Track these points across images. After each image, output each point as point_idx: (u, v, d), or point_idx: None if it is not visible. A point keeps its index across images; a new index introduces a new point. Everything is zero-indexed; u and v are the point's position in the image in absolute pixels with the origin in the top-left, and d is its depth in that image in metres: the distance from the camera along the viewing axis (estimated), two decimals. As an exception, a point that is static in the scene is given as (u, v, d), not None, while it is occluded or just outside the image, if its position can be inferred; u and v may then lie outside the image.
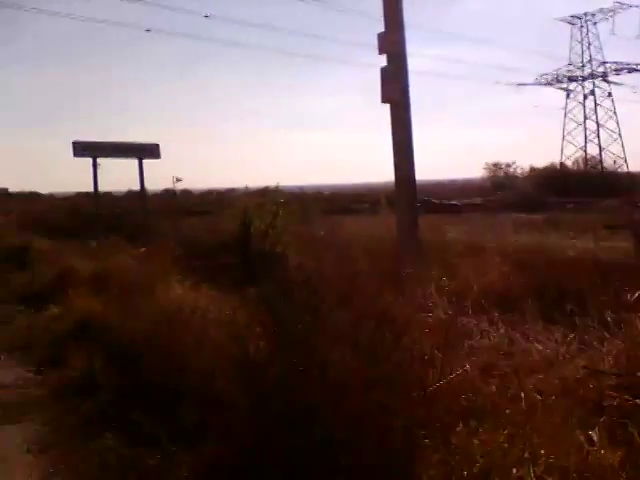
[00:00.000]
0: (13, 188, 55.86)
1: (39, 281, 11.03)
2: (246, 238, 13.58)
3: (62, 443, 4.26)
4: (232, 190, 52.80)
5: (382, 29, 8.90)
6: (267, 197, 17.32)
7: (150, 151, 16.91)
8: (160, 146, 17.16)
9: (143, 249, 13.18)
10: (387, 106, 8.98)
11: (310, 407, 3.10)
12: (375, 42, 8.96)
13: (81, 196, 37.96)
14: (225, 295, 6.45)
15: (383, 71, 8.88)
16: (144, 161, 17.05)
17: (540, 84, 61.55)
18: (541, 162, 43.29)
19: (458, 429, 3.18)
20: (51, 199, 50.23)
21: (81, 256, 11.86)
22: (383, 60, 8.90)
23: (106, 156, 16.71)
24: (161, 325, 4.94)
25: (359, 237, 9.33)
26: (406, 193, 9.00)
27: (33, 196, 58.68)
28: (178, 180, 18.24)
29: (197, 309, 4.99)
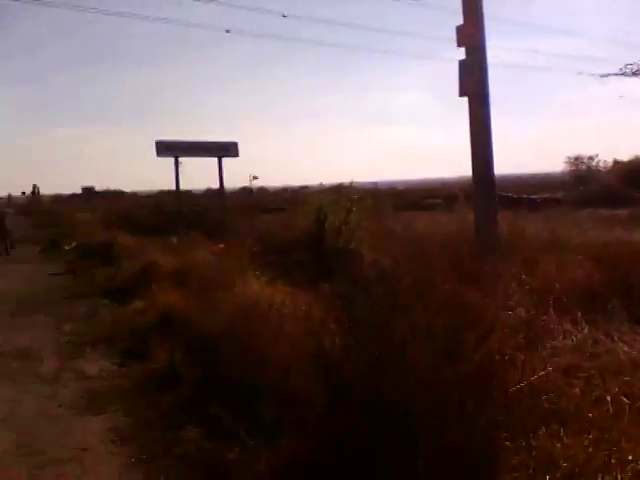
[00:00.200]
0: (99, 187, 58.74)
1: (123, 276, 11.52)
2: (320, 234, 13.67)
3: (144, 434, 4.40)
4: (305, 187, 53.46)
5: (461, 22, 8.69)
6: (340, 194, 17.36)
7: (230, 149, 17.31)
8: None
9: (221, 245, 13.55)
10: (465, 100, 8.76)
11: (387, 406, 3.07)
12: (454, 36, 8.75)
13: (163, 194, 39.49)
14: (300, 291, 6.51)
15: (461, 64, 8.66)
16: (223, 159, 17.46)
17: (625, 74, 58.28)
18: (625, 155, 40.82)
19: (540, 432, 3.08)
20: (134, 197, 52.52)
21: (163, 252, 12.28)
22: (462, 53, 8.68)
23: (187, 155, 17.23)
24: (239, 320, 5.04)
25: (434, 233, 9.16)
26: (484, 188, 8.75)
27: (117, 194, 61.61)
28: (254, 178, 18.68)
29: (274, 304, 5.05)
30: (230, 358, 4.92)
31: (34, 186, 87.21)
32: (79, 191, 54.20)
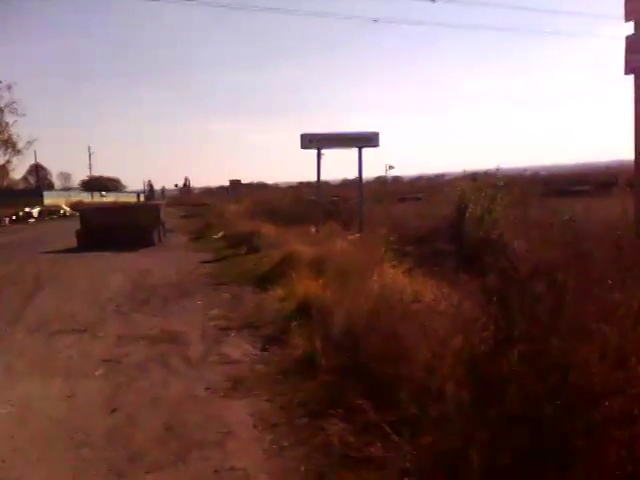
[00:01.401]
0: (245, 179, 61.63)
1: (265, 264, 11.93)
2: (460, 224, 13.20)
3: (285, 421, 4.40)
4: (441, 175, 52.27)
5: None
6: (481, 181, 16.63)
7: (371, 140, 17.24)
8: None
9: (358, 234, 13.55)
10: (627, 80, 7.86)
11: (543, 411, 2.76)
12: (617, 13, 7.87)
13: (303, 185, 40.65)
14: (440, 282, 6.25)
15: (628, 39, 7.77)
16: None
17: None
18: None
19: None
20: (277, 189, 54.59)
21: (302, 241, 12.52)
22: (628, 29, 7.78)
23: (330, 147, 17.47)
24: (380, 310, 4.90)
25: (589, 222, 8.36)
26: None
27: (261, 186, 64.45)
28: (390, 167, 18.48)
29: (416, 297, 4.85)
30: (370, 349, 4.81)
31: (185, 179, 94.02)
32: (226, 184, 57.24)
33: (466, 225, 12.85)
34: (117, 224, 19.12)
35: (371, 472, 3.39)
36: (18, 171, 64.28)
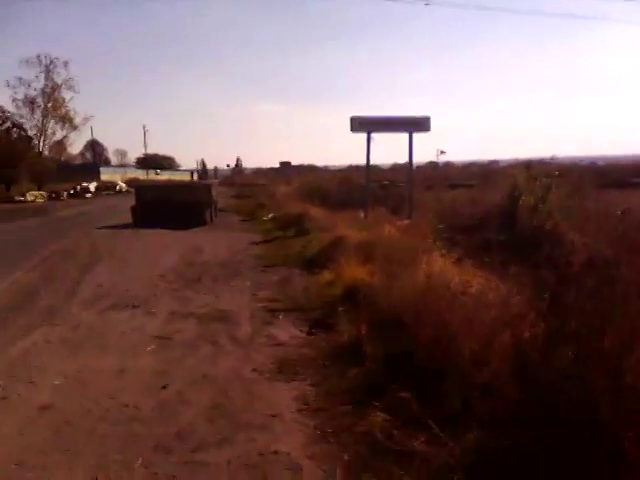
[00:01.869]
0: (295, 161, 61.97)
1: (314, 247, 11.99)
2: (513, 213, 12.89)
3: (330, 407, 4.42)
4: (494, 162, 51.04)
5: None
6: (535, 169, 16.16)
7: (422, 124, 16.96)
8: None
9: (407, 221, 13.43)
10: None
11: (595, 416, 2.69)
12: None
13: (352, 169, 40.52)
14: (490, 274, 6.14)
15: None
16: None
17: None
18: None
19: None
20: (326, 171, 54.59)
21: (350, 225, 12.50)
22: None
23: (380, 131, 17.24)
24: (427, 300, 4.86)
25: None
26: None
27: (311, 169, 64.58)
28: (442, 153, 18.16)
29: (466, 287, 4.78)
30: (417, 338, 4.78)
31: (237, 159, 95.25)
32: (277, 165, 57.72)
33: (519, 215, 12.55)
34: (171, 202, 19.57)
35: (414, 466, 3.39)
36: (76, 147, 66.16)
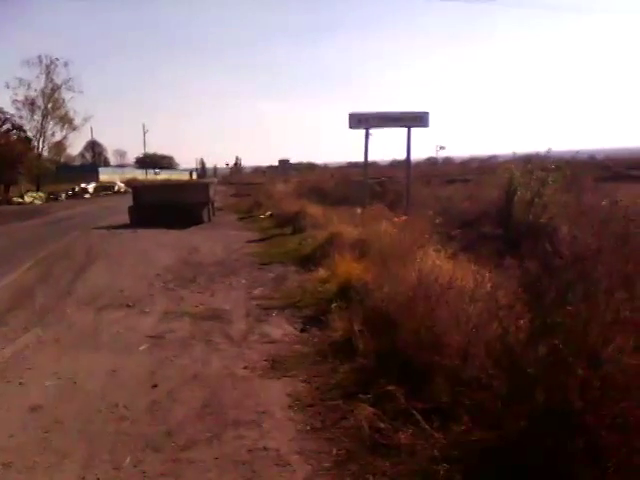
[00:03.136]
0: (294, 159, 61.92)
1: (310, 244, 11.98)
2: (508, 207, 12.90)
3: (320, 403, 4.44)
4: (494, 157, 51.03)
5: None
6: (533, 163, 16.16)
7: (421, 119, 16.89)
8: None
9: (403, 217, 13.42)
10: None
11: (573, 406, 2.68)
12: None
13: (351, 166, 40.56)
14: (483, 267, 6.13)
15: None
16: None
17: None
18: None
19: None
20: (325, 169, 54.60)
21: (347, 222, 12.48)
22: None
23: (378, 126, 17.19)
24: (418, 296, 4.85)
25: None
26: None
27: (310, 167, 64.60)
28: (441, 148, 18.15)
29: (454, 281, 4.76)
30: (408, 334, 4.77)
31: (236, 158, 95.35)
32: (276, 163, 57.68)
33: (514, 209, 12.55)
34: (168, 202, 19.59)
35: (400, 459, 3.39)
36: (75, 147, 66.19)
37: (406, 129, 16.83)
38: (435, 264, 6.21)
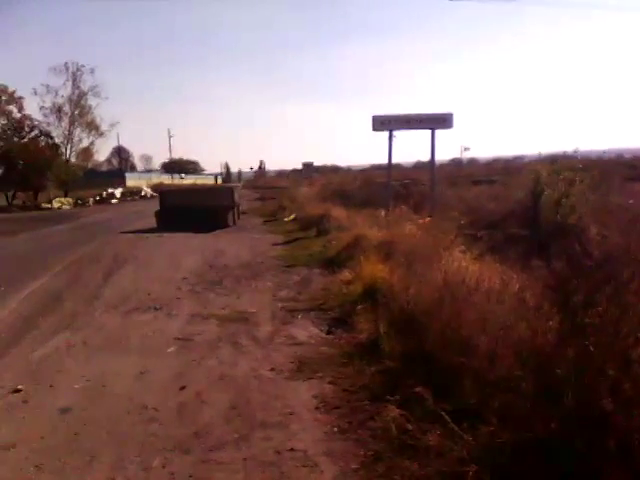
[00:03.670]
0: (318, 162, 62.01)
1: (334, 247, 11.99)
2: (535, 208, 12.73)
3: (347, 404, 4.44)
4: (519, 157, 50.48)
5: None
6: (559, 164, 15.95)
7: (445, 121, 16.78)
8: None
9: (428, 219, 13.35)
10: None
11: (604, 407, 2.64)
12: None
13: (374, 168, 40.48)
14: (511, 269, 6.07)
15: None
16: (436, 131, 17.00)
17: None
18: None
19: None
20: (348, 172, 54.60)
21: (371, 224, 12.47)
22: None
23: (402, 128, 17.10)
24: (445, 298, 4.82)
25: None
26: None
27: (334, 169, 64.66)
28: (466, 149, 18.04)
29: (482, 283, 4.73)
30: (434, 336, 4.75)
31: (260, 162, 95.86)
32: (299, 167, 57.83)
33: (542, 209, 12.38)
34: (194, 206, 19.79)
35: (428, 460, 3.38)
36: (102, 153, 67.12)
37: (430, 131, 16.75)
38: (461, 265, 6.17)
